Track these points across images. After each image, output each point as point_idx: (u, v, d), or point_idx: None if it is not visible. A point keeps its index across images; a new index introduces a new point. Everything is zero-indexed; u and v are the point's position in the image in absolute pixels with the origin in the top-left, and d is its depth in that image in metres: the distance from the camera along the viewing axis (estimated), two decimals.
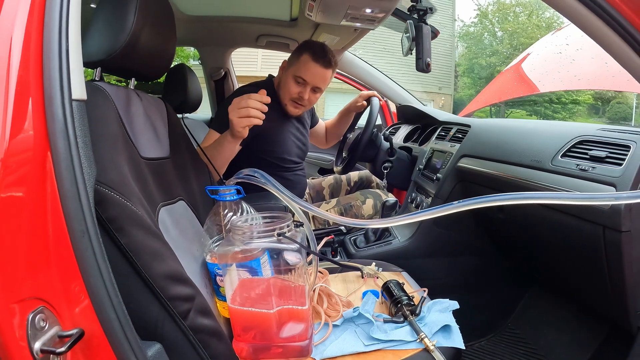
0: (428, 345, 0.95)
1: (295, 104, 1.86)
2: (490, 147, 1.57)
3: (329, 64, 1.78)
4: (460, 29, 23.61)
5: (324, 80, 1.83)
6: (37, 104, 0.57)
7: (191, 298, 0.78)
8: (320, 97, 1.93)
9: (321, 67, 1.77)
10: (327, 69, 1.79)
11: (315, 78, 1.79)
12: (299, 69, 1.78)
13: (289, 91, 1.82)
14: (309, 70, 1.77)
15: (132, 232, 0.71)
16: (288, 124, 1.96)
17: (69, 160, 0.57)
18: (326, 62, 1.77)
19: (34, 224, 0.55)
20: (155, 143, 1.04)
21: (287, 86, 1.82)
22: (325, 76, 1.81)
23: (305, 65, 1.77)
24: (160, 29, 1.02)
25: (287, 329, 0.93)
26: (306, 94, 1.82)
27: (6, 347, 0.51)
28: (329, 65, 1.78)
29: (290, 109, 1.88)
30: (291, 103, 1.86)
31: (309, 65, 1.76)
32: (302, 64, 1.77)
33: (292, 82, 1.80)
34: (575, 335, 1.62)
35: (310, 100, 1.86)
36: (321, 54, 1.76)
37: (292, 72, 1.80)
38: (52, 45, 0.59)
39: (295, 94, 1.82)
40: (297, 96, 1.82)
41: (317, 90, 1.86)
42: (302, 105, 1.87)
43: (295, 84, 1.80)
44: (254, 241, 0.90)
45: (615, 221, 1.02)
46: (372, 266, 1.38)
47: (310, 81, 1.79)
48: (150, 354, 0.66)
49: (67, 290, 0.58)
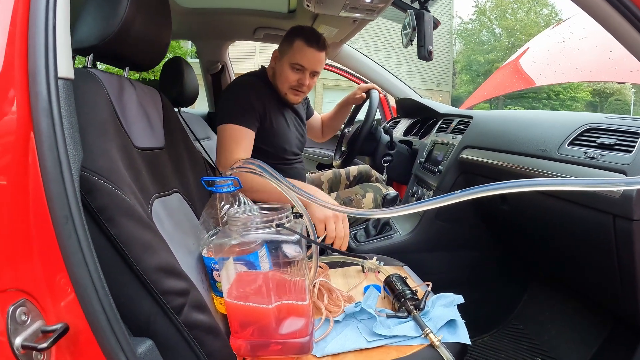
0: (433, 341, 0.92)
1: (296, 92, 1.83)
2: (493, 137, 1.54)
3: (323, 46, 1.77)
4: (458, 25, 23.67)
5: (321, 63, 1.81)
6: (22, 82, 0.55)
7: (185, 292, 0.75)
8: (316, 81, 1.91)
9: (316, 51, 1.75)
10: (322, 52, 1.77)
11: (312, 62, 1.77)
12: (294, 55, 1.75)
13: (287, 80, 1.79)
14: (305, 56, 1.74)
15: (122, 222, 0.68)
16: (286, 114, 1.93)
17: (52, 140, 0.54)
18: (320, 45, 1.75)
19: (14, 209, 0.52)
20: (149, 133, 1.01)
21: (285, 75, 1.79)
22: (321, 59, 1.79)
23: (300, 51, 1.74)
24: (155, 16, 0.99)
25: (286, 325, 0.89)
26: (306, 79, 1.80)
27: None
28: (323, 47, 1.77)
29: (290, 97, 1.85)
30: (291, 91, 1.83)
31: (304, 50, 1.74)
32: (297, 50, 1.74)
33: (289, 70, 1.77)
34: (579, 330, 1.60)
35: (309, 86, 1.85)
36: (314, 37, 1.74)
37: (287, 60, 1.77)
38: (37, 20, 0.56)
39: (294, 82, 1.79)
40: (296, 83, 1.80)
41: (315, 74, 1.84)
42: (302, 92, 1.85)
43: (294, 71, 1.78)
44: (251, 232, 0.86)
45: (627, 209, 0.99)
46: (373, 260, 1.35)
47: (307, 66, 1.77)
48: (141, 351, 0.64)
49: (51, 283, 0.55)
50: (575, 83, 17.28)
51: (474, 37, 23.55)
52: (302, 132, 2.06)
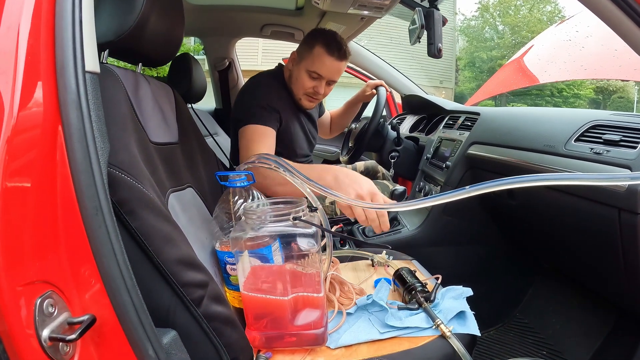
0: (444, 332, 0.93)
1: (310, 98, 1.79)
2: (500, 133, 1.56)
3: (344, 56, 1.68)
4: (462, 22, 23.63)
5: (339, 73, 1.74)
6: (48, 75, 0.55)
7: (204, 284, 0.76)
8: (332, 88, 1.84)
9: (336, 60, 1.67)
10: (342, 61, 1.70)
11: (331, 72, 1.70)
12: (313, 63, 1.67)
13: (303, 86, 1.74)
14: (324, 65, 1.67)
15: (143, 215, 0.68)
16: (299, 116, 1.90)
17: (82, 133, 0.55)
18: (341, 54, 1.67)
19: (41, 202, 0.53)
20: (164, 128, 1.02)
21: (301, 81, 1.73)
22: (340, 69, 1.72)
23: (320, 60, 1.66)
24: (169, 12, 0.99)
25: (302, 316, 0.91)
26: (321, 88, 1.73)
27: (12, 335, 0.49)
28: (344, 57, 1.68)
29: (304, 103, 1.80)
30: (306, 97, 1.78)
31: (323, 59, 1.66)
32: (316, 57, 1.66)
33: (305, 77, 1.71)
34: (584, 323, 1.62)
35: (325, 93, 1.79)
36: (336, 46, 1.65)
37: (305, 66, 1.70)
38: (65, 14, 0.56)
39: (310, 89, 1.73)
40: (312, 91, 1.74)
41: (332, 83, 1.77)
42: (317, 100, 1.80)
43: (310, 79, 1.71)
44: (268, 226, 0.87)
45: (632, 203, 1.01)
46: (382, 254, 1.36)
47: (325, 75, 1.70)
48: (166, 341, 0.64)
49: (76, 274, 0.55)
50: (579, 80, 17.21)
51: (477, 34, 23.51)
52: (314, 134, 2.05)
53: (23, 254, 0.50)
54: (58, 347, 0.52)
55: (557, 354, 1.61)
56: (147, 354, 0.58)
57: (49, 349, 0.51)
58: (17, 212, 0.50)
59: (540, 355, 1.63)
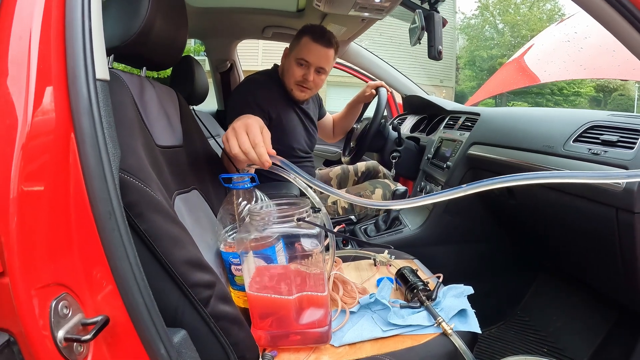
0: (446, 329, 0.95)
1: (301, 87, 1.87)
2: (501, 134, 1.57)
3: (329, 42, 1.79)
4: (462, 21, 23.58)
5: (327, 60, 1.83)
6: (60, 83, 0.56)
7: (212, 284, 0.77)
8: (324, 79, 1.92)
9: (322, 47, 1.78)
10: (328, 48, 1.80)
11: (317, 58, 1.80)
12: (300, 51, 1.79)
13: (293, 75, 1.83)
14: (310, 51, 1.78)
15: (151, 217, 0.70)
16: (296, 113, 1.96)
17: (94, 140, 0.56)
18: (326, 41, 1.78)
19: (55, 206, 0.54)
20: (169, 131, 1.04)
21: (291, 70, 1.83)
22: (327, 55, 1.82)
23: (306, 47, 1.78)
24: (173, 16, 1.00)
25: (306, 315, 0.92)
26: (310, 75, 1.83)
27: (28, 336, 0.50)
28: (329, 44, 1.79)
29: (296, 94, 1.88)
30: (297, 87, 1.87)
31: (309, 46, 1.78)
32: (303, 45, 1.79)
33: (295, 65, 1.82)
34: (585, 321, 1.62)
35: (315, 82, 1.87)
36: (320, 34, 1.78)
37: (293, 56, 1.82)
38: (75, 23, 0.58)
39: (299, 77, 1.83)
40: (301, 79, 1.83)
41: (322, 72, 1.86)
42: (308, 88, 1.88)
43: (298, 66, 1.82)
44: (272, 227, 0.89)
45: (629, 202, 1.03)
46: (384, 254, 1.38)
47: (312, 62, 1.80)
48: (177, 341, 0.65)
49: (89, 276, 0.57)
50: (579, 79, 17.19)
51: (477, 33, 23.46)
52: (312, 131, 2.08)
53: (38, 258, 0.51)
54: (72, 347, 0.54)
55: (558, 351, 1.62)
56: (159, 353, 0.59)
57: (64, 349, 0.52)
58: (32, 215, 0.51)
59: (541, 353, 1.64)
